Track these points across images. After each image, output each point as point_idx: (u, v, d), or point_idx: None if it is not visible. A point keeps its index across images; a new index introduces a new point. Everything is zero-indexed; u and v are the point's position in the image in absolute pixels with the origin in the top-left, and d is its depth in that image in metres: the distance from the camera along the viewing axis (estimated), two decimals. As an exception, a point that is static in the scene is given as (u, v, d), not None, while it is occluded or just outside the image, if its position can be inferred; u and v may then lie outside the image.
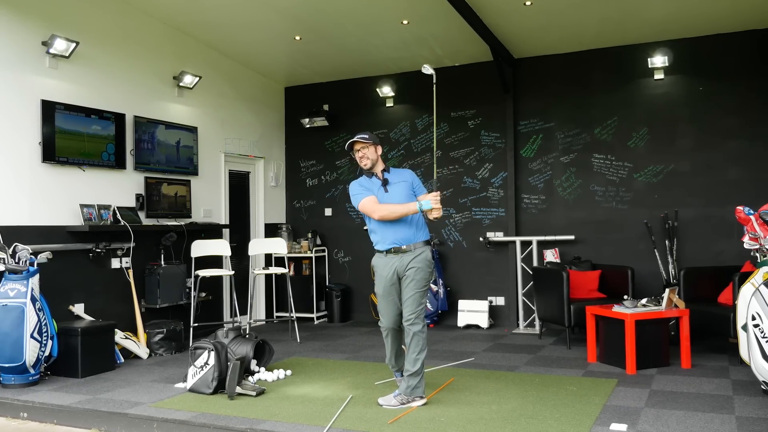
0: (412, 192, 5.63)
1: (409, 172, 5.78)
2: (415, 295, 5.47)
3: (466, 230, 10.02)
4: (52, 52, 7.26)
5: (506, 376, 6.49)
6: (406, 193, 5.59)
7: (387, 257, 5.56)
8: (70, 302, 7.42)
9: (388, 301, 5.59)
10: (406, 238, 5.51)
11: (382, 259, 5.60)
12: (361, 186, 5.67)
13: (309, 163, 11.16)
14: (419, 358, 5.45)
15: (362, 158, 5.63)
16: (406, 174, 5.75)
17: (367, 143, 5.61)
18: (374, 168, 5.68)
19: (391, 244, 5.53)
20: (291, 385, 6.32)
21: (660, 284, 8.62)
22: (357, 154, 5.67)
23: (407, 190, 5.61)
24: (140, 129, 8.33)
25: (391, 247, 5.53)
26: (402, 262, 5.50)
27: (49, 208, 7.28)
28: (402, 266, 5.50)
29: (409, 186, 5.64)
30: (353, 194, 5.70)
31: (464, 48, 9.39)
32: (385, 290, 5.59)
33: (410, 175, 5.74)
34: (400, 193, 5.58)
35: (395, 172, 5.75)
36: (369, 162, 5.62)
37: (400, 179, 5.67)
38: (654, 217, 8.89)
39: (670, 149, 8.92)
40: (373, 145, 5.64)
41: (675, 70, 8.90)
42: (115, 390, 6.22)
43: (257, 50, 9.75)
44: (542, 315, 8.45)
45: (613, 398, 5.60)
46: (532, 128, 9.66)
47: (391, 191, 5.59)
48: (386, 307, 5.61)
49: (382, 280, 5.60)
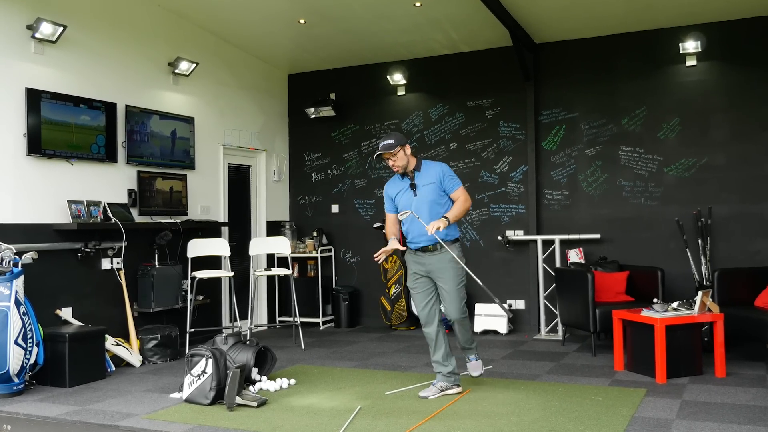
0: (442, 192, 6.08)
1: (439, 169, 6.14)
2: (451, 295, 6.04)
3: (484, 228, 10.00)
4: (38, 36, 7.25)
5: (527, 386, 6.47)
6: (435, 196, 6.06)
7: (416, 255, 6.13)
8: (57, 306, 7.41)
9: (418, 293, 6.19)
10: (432, 238, 5.94)
11: (412, 257, 6.18)
12: (388, 195, 6.27)
13: (314, 156, 11.15)
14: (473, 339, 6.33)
15: (393, 166, 6.11)
16: (435, 171, 6.12)
17: (392, 151, 6.02)
18: (407, 169, 6.14)
19: (417, 245, 6.08)
20: (295, 395, 6.32)
21: (692, 287, 8.56)
22: (388, 162, 6.12)
23: (435, 193, 6.06)
24: (133, 119, 8.33)
25: (418, 247, 6.08)
26: (429, 262, 6.06)
27: (34, 204, 7.29)
28: (430, 266, 6.07)
29: (438, 187, 6.06)
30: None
31: (481, 32, 9.35)
32: (414, 284, 6.19)
33: (439, 173, 6.11)
34: (428, 196, 6.05)
35: (426, 169, 6.15)
36: (401, 168, 6.10)
37: (428, 181, 6.08)
38: (686, 215, 8.84)
39: (703, 141, 8.87)
40: (401, 148, 6.05)
41: (708, 56, 8.84)
42: (106, 400, 6.23)
43: (258, 34, 9.74)
44: (565, 320, 8.44)
45: (642, 409, 5.59)
46: (554, 118, 9.63)
47: (420, 194, 6.07)
48: (417, 298, 6.21)
49: (411, 274, 6.23)
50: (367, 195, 10.73)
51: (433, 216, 5.96)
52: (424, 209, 6.00)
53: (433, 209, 6.01)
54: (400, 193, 6.16)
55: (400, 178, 6.20)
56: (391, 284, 10.09)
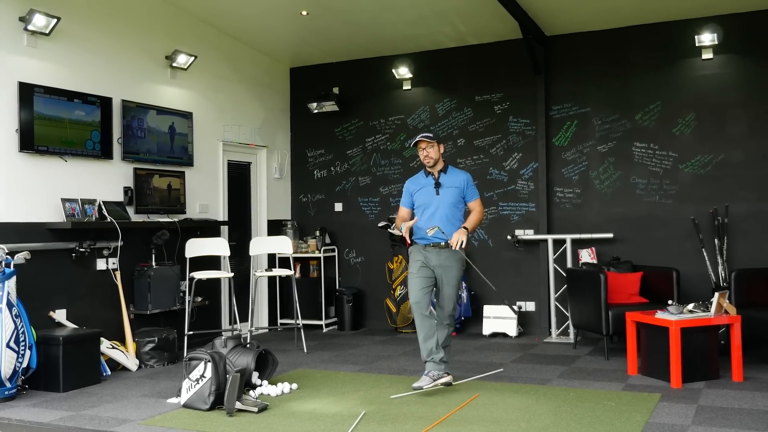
0: (462, 198, 6.65)
1: (464, 177, 6.72)
2: (452, 292, 6.56)
3: (492, 228, 9.98)
4: (31, 29, 7.24)
5: (537, 391, 6.47)
6: (455, 200, 6.61)
7: (425, 250, 6.57)
8: (50, 308, 7.40)
9: (418, 278, 6.52)
10: (441, 236, 6.44)
11: (420, 250, 6.60)
12: (407, 190, 6.81)
13: (317, 152, 11.14)
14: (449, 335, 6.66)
15: (426, 157, 6.63)
16: (461, 179, 6.69)
17: (432, 141, 6.59)
18: (435, 166, 6.67)
19: (427, 240, 6.53)
20: (297, 400, 6.32)
21: (708, 288, 8.55)
22: (421, 152, 6.66)
23: (456, 197, 6.62)
24: (129, 114, 8.31)
25: (428, 242, 6.53)
26: (438, 258, 6.52)
27: (27, 202, 7.27)
28: (438, 262, 6.52)
29: (460, 192, 6.63)
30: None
31: (490, 24, 9.33)
32: (418, 270, 6.54)
33: (464, 181, 6.68)
34: (449, 198, 6.59)
35: (452, 173, 6.73)
36: (431, 160, 6.63)
37: (453, 184, 6.64)
38: (702, 213, 8.82)
39: (719, 137, 8.84)
40: (437, 143, 6.64)
41: (725, 49, 8.81)
42: (101, 405, 6.22)
43: (259, 26, 9.73)
44: (577, 322, 8.44)
45: (656, 415, 5.58)
46: (565, 114, 9.61)
47: (442, 194, 6.61)
48: (415, 283, 6.53)
49: (415, 262, 6.61)
50: (372, 193, 10.71)
51: (450, 217, 6.55)
52: (443, 210, 6.56)
53: (451, 212, 6.58)
54: (422, 189, 6.69)
55: (424, 176, 6.74)
56: (397, 285, 10.07)
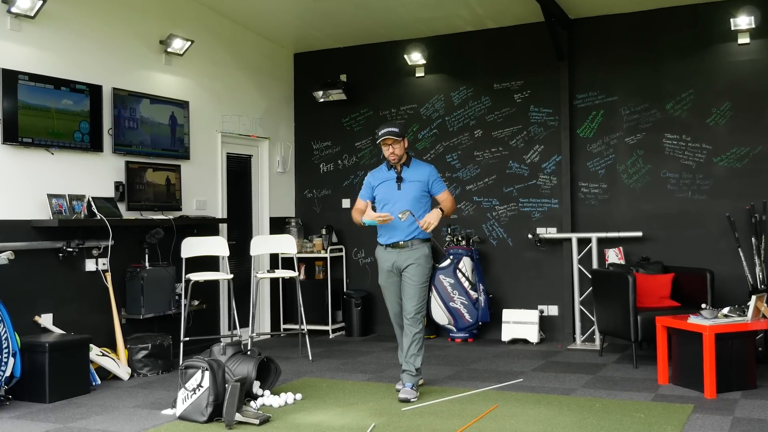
0: (426, 192, 6.83)
1: (428, 171, 6.90)
2: (414, 290, 6.69)
3: (512, 225, 9.97)
4: (14, 11, 7.21)
5: (560, 401, 6.48)
6: (417, 194, 6.78)
7: (387, 251, 6.83)
8: (35, 312, 7.41)
9: (389, 291, 6.88)
10: (403, 235, 6.72)
11: (383, 253, 6.88)
12: (368, 183, 7.03)
13: (323, 144, 11.14)
14: (419, 355, 6.71)
15: (391, 154, 6.77)
16: (424, 172, 6.87)
17: (398, 139, 6.71)
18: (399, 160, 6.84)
19: (389, 240, 6.79)
20: (301, 411, 6.32)
21: (745, 290, 8.50)
22: (386, 149, 6.78)
23: (419, 191, 6.79)
24: (120, 104, 8.31)
25: (390, 242, 6.79)
26: (400, 258, 6.74)
27: (10, 198, 7.26)
28: (400, 262, 6.73)
29: (423, 186, 6.81)
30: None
31: (510, 6, 9.32)
32: (386, 281, 6.88)
33: (428, 174, 6.86)
34: (411, 193, 6.76)
35: (415, 167, 6.90)
36: (396, 158, 6.78)
37: (415, 178, 6.82)
38: (738, 210, 8.79)
39: (757, 128, 8.81)
40: (404, 140, 6.79)
41: (763, 33, 8.77)
42: (90, 417, 6.24)
43: (260, 8, 9.73)
44: (603, 327, 8.44)
45: (689, 427, 5.58)
46: (591, 103, 9.59)
47: (404, 189, 6.79)
48: (388, 296, 6.91)
49: (383, 271, 6.90)
50: (382, 188, 10.67)
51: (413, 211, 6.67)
52: (404, 205, 6.70)
53: (414, 206, 6.70)
54: (383, 183, 6.91)
55: (387, 170, 6.94)
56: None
